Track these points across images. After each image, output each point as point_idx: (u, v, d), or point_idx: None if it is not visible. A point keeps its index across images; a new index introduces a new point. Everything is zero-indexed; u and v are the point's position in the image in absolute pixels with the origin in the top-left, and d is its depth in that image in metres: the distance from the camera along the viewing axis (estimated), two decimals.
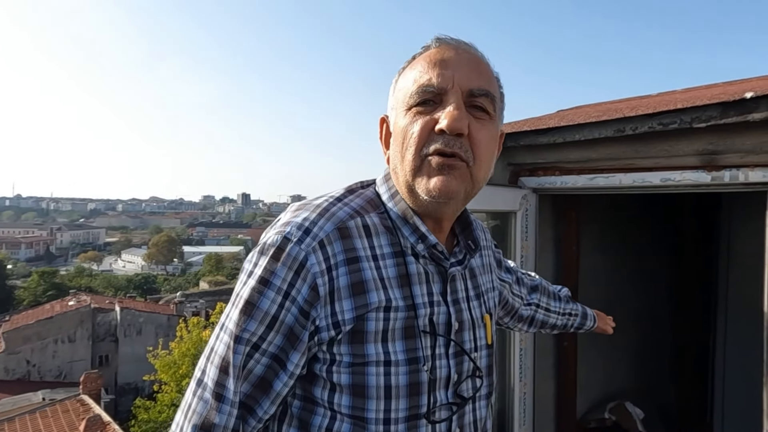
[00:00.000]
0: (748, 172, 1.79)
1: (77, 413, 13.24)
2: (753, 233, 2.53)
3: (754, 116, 1.65)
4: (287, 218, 0.79)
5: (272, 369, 0.76)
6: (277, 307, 0.74)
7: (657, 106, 1.86)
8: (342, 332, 0.75)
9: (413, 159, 0.78)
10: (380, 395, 0.76)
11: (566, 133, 2.13)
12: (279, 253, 0.75)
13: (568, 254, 2.77)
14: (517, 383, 2.30)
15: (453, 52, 0.80)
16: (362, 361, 0.76)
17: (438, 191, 0.77)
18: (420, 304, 0.80)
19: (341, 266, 0.76)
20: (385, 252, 0.80)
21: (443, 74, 0.77)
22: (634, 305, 3.43)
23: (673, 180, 1.95)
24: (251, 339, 0.75)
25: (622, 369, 3.34)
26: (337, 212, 0.79)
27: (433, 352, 0.81)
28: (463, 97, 0.77)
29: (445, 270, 0.85)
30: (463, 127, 0.75)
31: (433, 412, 0.80)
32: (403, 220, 0.83)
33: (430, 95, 0.77)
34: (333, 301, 0.75)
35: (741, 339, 3.37)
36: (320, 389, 0.78)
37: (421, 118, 0.77)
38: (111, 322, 24.07)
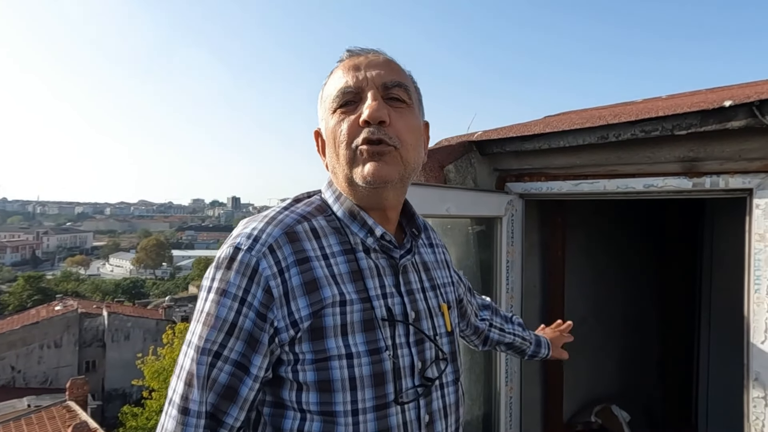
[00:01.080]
0: (728, 179, 1.83)
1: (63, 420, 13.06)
2: (735, 238, 2.58)
3: (732, 124, 1.68)
4: (237, 231, 0.84)
5: (236, 376, 0.78)
6: (235, 313, 0.77)
7: (639, 114, 1.88)
8: (301, 330, 0.78)
9: (346, 153, 0.85)
10: (345, 387, 0.79)
11: (551, 140, 2.15)
12: (231, 263, 0.79)
13: (554, 259, 2.79)
14: (503, 387, 2.31)
15: (363, 57, 0.89)
16: (324, 356, 0.79)
17: (372, 176, 0.83)
18: (374, 296, 0.85)
19: (292, 267, 0.80)
20: (335, 250, 0.85)
21: (357, 76, 0.86)
22: (620, 309, 3.46)
23: (655, 186, 1.98)
24: (212, 348, 0.77)
25: (608, 372, 3.37)
26: (284, 219, 0.84)
27: (394, 341, 0.84)
28: (379, 92, 0.85)
29: (396, 262, 0.90)
30: (382, 115, 0.83)
31: (400, 397, 0.83)
32: (350, 218, 0.88)
33: (350, 96, 0.85)
34: (288, 301, 0.78)
35: (724, 342, 3.41)
36: (287, 391, 0.81)
37: (347, 117, 0.85)
38: (98, 327, 23.78)
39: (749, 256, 1.77)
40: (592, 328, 3.20)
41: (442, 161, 2.26)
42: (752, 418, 1.75)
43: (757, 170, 1.76)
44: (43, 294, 33.56)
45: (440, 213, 2.01)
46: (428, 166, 2.19)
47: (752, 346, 1.76)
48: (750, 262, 1.77)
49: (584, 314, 3.14)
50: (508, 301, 2.32)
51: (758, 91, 1.68)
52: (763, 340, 1.73)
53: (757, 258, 1.75)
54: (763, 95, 1.60)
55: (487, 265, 2.37)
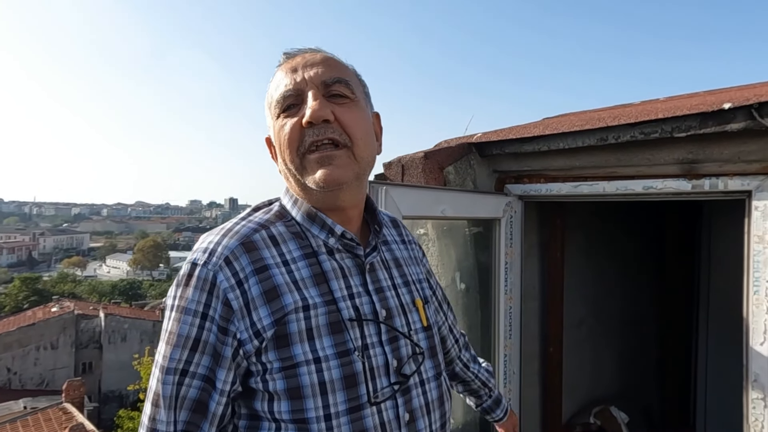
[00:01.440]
0: (728, 181, 1.83)
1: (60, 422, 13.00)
2: (733, 240, 2.58)
3: (731, 126, 1.68)
4: (196, 247, 0.84)
5: (205, 391, 0.78)
6: (197, 329, 0.77)
7: (639, 116, 1.89)
8: (265, 339, 0.78)
9: (294, 158, 0.84)
10: (316, 392, 0.77)
11: (551, 142, 2.15)
12: (189, 279, 0.79)
13: (553, 260, 2.80)
14: (502, 388, 2.31)
15: (300, 58, 0.87)
16: (292, 363, 0.78)
17: (325, 182, 0.82)
18: (339, 297, 0.83)
19: (251, 277, 0.79)
20: (295, 256, 0.84)
21: (295, 78, 0.84)
22: (619, 310, 3.47)
23: (655, 188, 1.99)
24: (178, 367, 0.77)
25: (606, 373, 3.37)
26: (240, 230, 0.83)
27: (365, 341, 0.83)
28: (320, 91, 0.83)
29: (362, 261, 0.89)
30: (325, 113, 0.81)
31: (375, 397, 0.81)
32: (309, 220, 0.87)
33: (291, 99, 0.84)
34: (249, 311, 0.78)
35: (722, 344, 3.42)
36: (260, 402, 0.80)
37: (289, 120, 0.84)
38: (95, 329, 23.70)
39: (748, 258, 1.78)
40: (591, 329, 3.20)
41: (441, 163, 2.26)
42: (751, 419, 1.75)
43: (756, 172, 1.77)
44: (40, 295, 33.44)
45: (435, 214, 2.01)
46: (428, 167, 2.19)
47: (751, 347, 1.77)
48: (749, 263, 1.77)
49: (583, 315, 3.14)
50: (506, 302, 2.33)
51: (757, 94, 1.69)
52: (762, 342, 1.74)
53: (756, 260, 1.75)
54: (762, 98, 1.60)
55: (485, 266, 2.37)
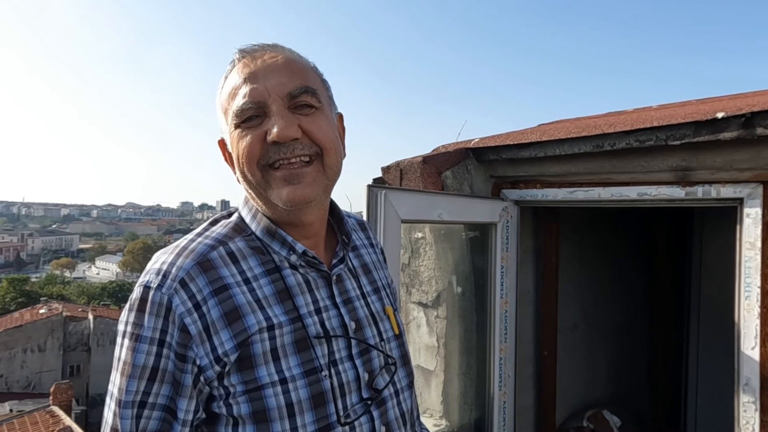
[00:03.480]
0: (720, 188, 1.87)
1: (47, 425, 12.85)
2: (723, 246, 2.63)
3: (724, 135, 1.72)
4: (147, 268, 0.78)
5: (166, 421, 0.74)
6: (154, 357, 0.73)
7: (634, 123, 1.92)
8: (228, 364, 0.73)
9: (254, 173, 0.79)
10: (282, 415, 0.74)
11: (547, 148, 2.18)
12: (143, 304, 0.74)
13: (548, 265, 2.82)
14: (497, 392, 2.33)
15: (259, 62, 0.80)
16: (256, 385, 0.74)
17: (293, 202, 0.78)
18: (305, 314, 0.80)
19: (210, 299, 0.74)
20: (257, 273, 0.79)
21: (257, 88, 0.78)
22: (612, 316, 3.50)
23: (649, 194, 2.02)
24: (136, 399, 0.73)
25: (599, 378, 3.40)
26: (196, 248, 0.78)
27: (333, 357, 0.79)
28: (284, 104, 0.78)
29: (327, 274, 0.85)
30: (293, 132, 0.77)
31: (347, 416, 0.78)
32: (270, 236, 0.82)
33: (251, 111, 0.78)
34: (210, 336, 0.73)
35: (713, 349, 3.47)
36: (223, 427, 0.76)
37: (251, 133, 0.78)
38: (83, 331, 23.46)
39: (739, 264, 1.81)
40: (584, 334, 3.24)
41: (439, 167, 2.28)
42: (743, 422, 1.78)
43: (748, 180, 1.81)
44: (27, 297, 33.07)
45: (432, 218, 2.03)
46: (426, 172, 2.22)
47: (742, 352, 1.80)
48: (740, 269, 1.81)
49: (577, 320, 3.18)
50: (502, 306, 2.35)
51: (749, 103, 1.73)
52: (753, 346, 1.77)
53: (747, 266, 1.79)
54: (754, 107, 1.64)
55: (481, 270, 2.39)
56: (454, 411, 2.41)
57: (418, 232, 2.41)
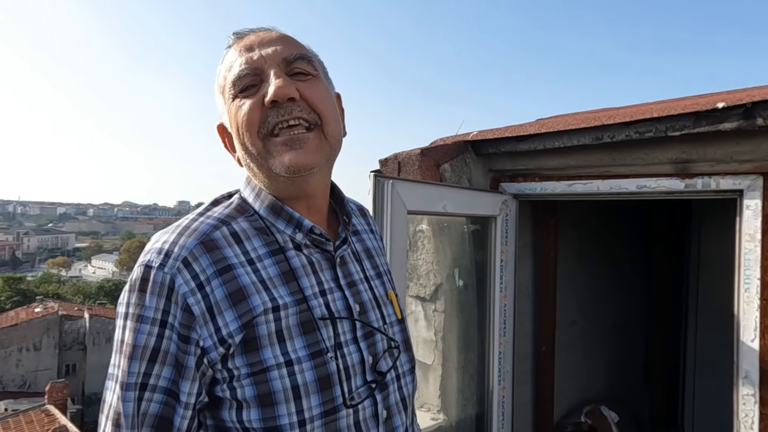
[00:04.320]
0: (719, 180, 1.86)
1: (42, 424, 12.79)
2: (722, 241, 2.62)
3: (725, 126, 1.72)
4: (149, 247, 0.76)
5: (168, 405, 0.72)
6: (156, 338, 0.71)
7: (634, 115, 1.92)
8: (232, 346, 0.72)
9: (255, 142, 0.77)
10: (288, 397, 0.72)
11: (546, 140, 2.17)
12: (144, 284, 0.72)
13: (547, 260, 2.82)
14: (496, 387, 2.32)
15: (254, 36, 0.81)
16: (261, 368, 0.72)
17: (295, 166, 0.76)
18: (311, 295, 0.78)
19: (213, 279, 0.73)
20: (261, 253, 0.78)
21: (252, 56, 0.77)
22: (610, 312, 3.50)
23: (648, 187, 2.01)
24: (138, 381, 0.71)
25: (598, 374, 3.40)
26: (198, 227, 0.76)
27: (338, 340, 0.78)
28: (281, 69, 0.77)
29: (332, 255, 0.84)
30: (290, 91, 0.75)
31: (352, 398, 0.77)
32: (274, 214, 0.81)
33: (247, 80, 0.77)
34: (213, 316, 0.72)
35: (711, 345, 3.47)
36: (227, 411, 0.74)
37: (248, 100, 0.77)
38: (79, 330, 23.37)
39: (739, 256, 1.81)
40: (582, 330, 3.23)
41: (438, 160, 2.27)
42: (742, 414, 1.78)
43: (748, 172, 1.80)
44: (23, 296, 32.93)
45: (437, 210, 2.01)
46: (425, 164, 2.20)
47: (742, 344, 1.79)
48: (740, 261, 1.80)
49: (575, 316, 3.17)
50: (501, 300, 2.34)
51: (750, 94, 1.72)
52: (753, 339, 1.76)
53: (747, 258, 1.78)
54: (754, 98, 1.64)
55: (481, 264, 2.38)
56: (452, 405, 2.40)
57: (417, 225, 2.40)
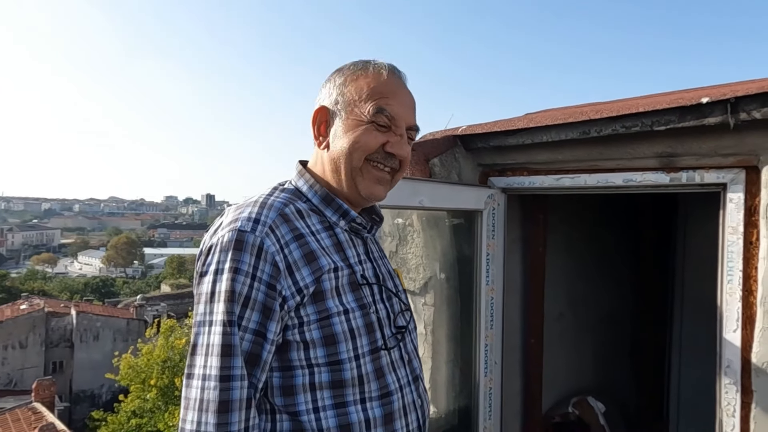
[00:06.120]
0: (704, 174, 1.89)
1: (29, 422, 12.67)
2: (707, 234, 2.66)
3: (709, 120, 1.74)
4: (232, 217, 0.95)
5: (257, 343, 0.90)
6: (248, 288, 0.89)
7: (620, 110, 1.93)
8: (306, 296, 0.92)
9: (359, 161, 1.01)
10: (347, 337, 0.95)
11: (534, 135, 2.19)
12: (239, 244, 0.90)
13: (536, 254, 2.84)
14: (482, 379, 2.34)
15: (402, 88, 1.06)
16: (326, 314, 0.93)
17: (373, 196, 1.05)
18: (354, 263, 1.02)
19: (292, 243, 0.94)
20: (318, 228, 1.01)
21: (397, 108, 1.02)
22: (598, 305, 3.55)
23: (634, 181, 2.04)
24: (239, 322, 0.88)
25: (586, 366, 3.45)
26: (274, 203, 0.97)
27: (374, 298, 1.02)
28: (406, 131, 1.05)
29: (362, 237, 1.09)
30: (406, 154, 1.05)
31: (388, 342, 1.02)
32: (324, 203, 1.04)
33: (385, 120, 1.01)
34: (292, 272, 0.92)
35: (698, 337, 3.52)
36: (295, 351, 0.94)
37: (376, 134, 1.01)
38: (66, 327, 23.11)
39: (722, 249, 1.84)
40: (569, 323, 3.27)
41: (427, 154, 2.28)
42: (724, 403, 1.82)
43: (731, 166, 1.83)
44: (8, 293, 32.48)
45: (413, 205, 2.02)
46: (414, 159, 2.21)
47: (724, 335, 1.83)
48: (723, 254, 1.83)
49: (563, 309, 3.21)
50: (488, 293, 2.36)
51: (733, 89, 1.75)
52: (735, 329, 1.80)
53: (729, 250, 1.81)
54: (738, 93, 1.66)
55: (468, 258, 2.40)
56: (441, 398, 2.42)
57: (407, 220, 2.41)
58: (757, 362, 1.75)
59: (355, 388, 0.95)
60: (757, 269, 1.76)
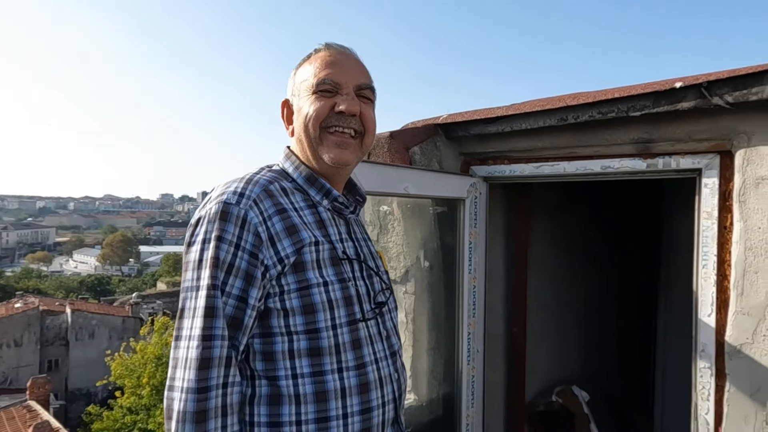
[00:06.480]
0: (680, 159, 1.90)
1: (24, 420, 12.65)
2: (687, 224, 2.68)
3: (683, 105, 1.75)
4: (219, 191, 1.01)
5: (239, 308, 0.95)
6: (232, 256, 0.95)
7: (597, 96, 1.94)
8: (287, 265, 0.98)
9: (314, 130, 1.06)
10: (325, 308, 0.99)
11: (513, 122, 2.19)
12: (225, 215, 0.96)
13: (519, 244, 2.85)
14: (465, 367, 2.35)
15: (342, 56, 1.10)
16: (306, 284, 0.98)
17: (336, 161, 1.07)
18: (335, 240, 1.07)
19: (274, 216, 0.99)
20: (302, 205, 1.06)
21: (337, 73, 1.06)
22: (581, 295, 3.56)
23: (612, 167, 2.05)
24: (222, 287, 0.94)
25: (570, 356, 3.46)
26: (259, 180, 1.03)
27: (353, 275, 1.07)
28: (353, 90, 1.07)
29: (345, 217, 1.14)
30: (356, 110, 1.06)
31: (366, 315, 1.06)
32: (308, 183, 1.09)
33: (328, 86, 1.05)
34: (274, 243, 0.98)
35: (680, 327, 3.54)
36: (276, 319, 0.98)
37: (323, 100, 1.05)
38: (61, 325, 23.05)
39: (698, 234, 1.85)
40: (553, 313, 3.28)
41: (407, 143, 2.27)
42: (699, 387, 1.83)
43: (706, 151, 1.84)
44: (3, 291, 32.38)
45: (398, 191, 2.02)
46: (394, 147, 2.21)
47: (699, 319, 1.84)
48: (698, 239, 1.84)
49: (547, 299, 3.21)
50: (470, 281, 2.36)
51: (707, 76, 1.75)
52: (710, 314, 1.81)
53: (704, 235, 1.82)
54: (710, 77, 1.67)
55: (450, 246, 2.40)
56: (422, 386, 2.43)
57: (385, 206, 2.41)
58: (731, 345, 1.76)
59: (332, 357, 0.99)
60: (731, 253, 1.77)
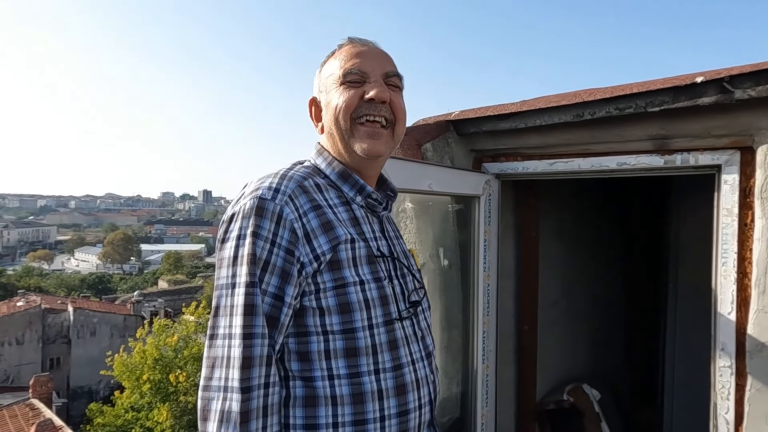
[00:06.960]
0: (698, 156, 1.87)
1: (26, 418, 12.68)
2: (700, 219, 2.65)
3: (703, 100, 1.72)
4: (254, 187, 0.98)
5: (276, 306, 0.93)
6: (267, 252, 0.93)
7: (614, 91, 1.91)
8: (322, 263, 0.95)
9: (345, 122, 1.03)
10: (361, 307, 0.97)
11: (527, 119, 2.16)
12: (260, 211, 0.94)
13: (528, 240, 2.83)
14: (480, 365, 2.33)
15: (366, 48, 1.08)
16: (342, 283, 0.96)
17: (369, 152, 1.04)
18: (370, 238, 1.05)
19: (310, 212, 0.97)
20: (336, 202, 1.04)
21: (364, 62, 1.05)
22: (591, 291, 3.54)
23: (628, 164, 2.02)
24: (256, 282, 0.92)
25: (580, 353, 3.44)
26: (294, 175, 1.01)
27: (389, 273, 1.05)
28: (381, 78, 1.05)
29: (378, 216, 1.12)
30: (386, 96, 1.04)
31: (401, 315, 1.04)
32: (342, 179, 1.07)
33: (355, 76, 1.04)
34: (310, 240, 0.96)
35: (690, 324, 3.52)
36: (311, 317, 0.96)
37: (352, 90, 1.03)
38: (63, 323, 23.09)
39: (717, 231, 1.82)
40: (564, 310, 3.26)
41: (419, 139, 2.25)
42: (719, 386, 1.81)
43: (725, 147, 1.81)
44: (4, 290, 32.45)
45: (423, 188, 2.00)
46: (406, 143, 2.18)
47: (719, 317, 1.82)
48: (718, 236, 1.82)
49: (557, 296, 3.19)
50: (485, 279, 2.34)
51: (729, 71, 1.73)
52: (730, 312, 1.79)
53: (724, 232, 1.80)
54: (732, 71, 1.64)
55: (464, 244, 2.38)
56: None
57: (401, 206, 2.38)
58: (752, 344, 1.73)
59: (369, 357, 0.97)
60: (752, 251, 1.74)
